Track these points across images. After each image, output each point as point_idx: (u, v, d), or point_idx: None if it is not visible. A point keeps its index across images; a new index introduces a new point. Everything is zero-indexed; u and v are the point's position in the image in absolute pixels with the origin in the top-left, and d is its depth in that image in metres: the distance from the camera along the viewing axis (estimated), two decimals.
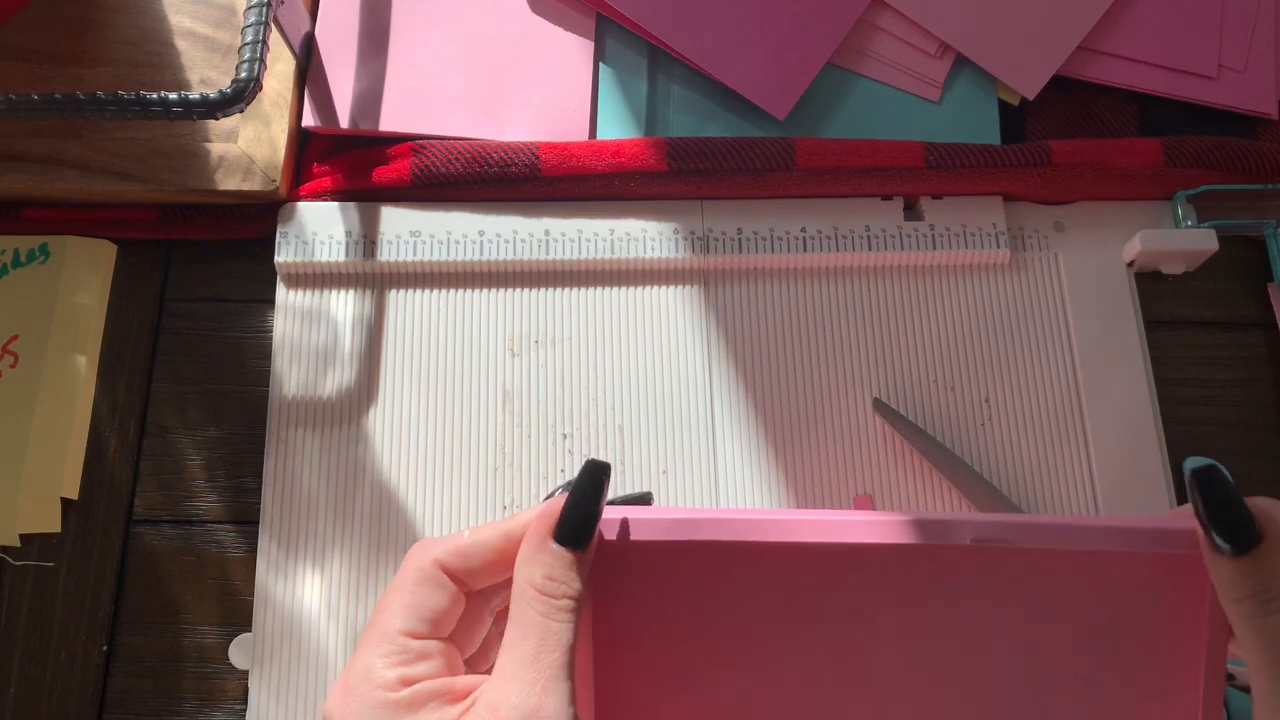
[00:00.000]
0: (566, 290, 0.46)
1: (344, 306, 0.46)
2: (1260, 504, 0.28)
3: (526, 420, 0.44)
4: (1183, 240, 0.46)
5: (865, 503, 0.43)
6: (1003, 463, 0.44)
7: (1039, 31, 0.50)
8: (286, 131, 0.46)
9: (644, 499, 0.32)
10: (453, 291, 0.46)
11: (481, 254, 0.46)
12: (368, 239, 0.46)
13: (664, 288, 0.47)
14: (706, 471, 0.44)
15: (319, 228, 0.46)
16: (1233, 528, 0.27)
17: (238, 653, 0.41)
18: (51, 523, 0.43)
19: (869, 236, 0.47)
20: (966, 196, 0.47)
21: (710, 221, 0.47)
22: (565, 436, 0.44)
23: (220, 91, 0.39)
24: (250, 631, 0.41)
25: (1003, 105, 0.50)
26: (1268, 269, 0.48)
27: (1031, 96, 0.49)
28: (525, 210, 0.47)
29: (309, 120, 0.47)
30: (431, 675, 0.26)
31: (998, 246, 0.47)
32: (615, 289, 0.47)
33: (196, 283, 0.47)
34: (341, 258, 0.45)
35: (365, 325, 0.45)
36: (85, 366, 0.45)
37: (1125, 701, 0.30)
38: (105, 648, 0.41)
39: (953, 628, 0.30)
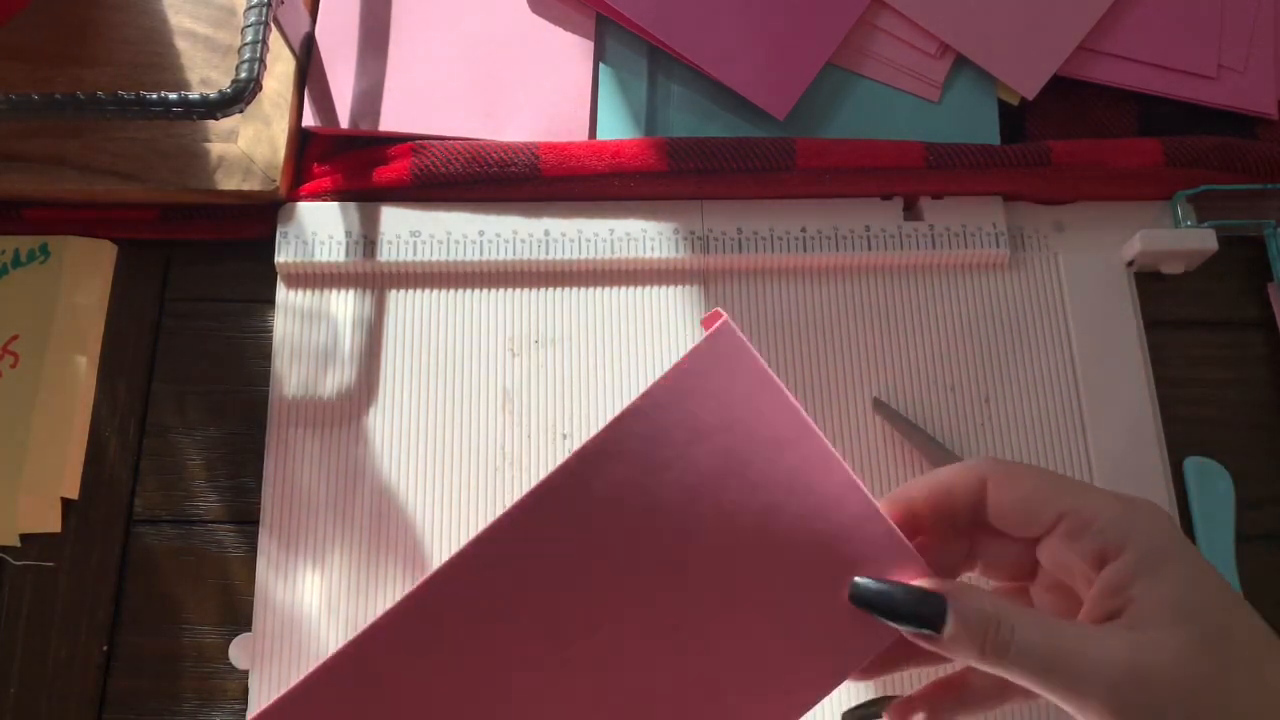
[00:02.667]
0: (566, 290, 0.46)
1: (344, 306, 0.46)
2: (970, 476, 0.31)
3: (526, 420, 0.44)
4: (1183, 240, 0.46)
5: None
6: None
7: (1039, 31, 0.50)
8: (286, 131, 0.46)
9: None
10: (453, 291, 0.46)
11: (481, 254, 0.46)
12: (368, 239, 0.46)
13: (664, 288, 0.47)
14: None
15: (319, 228, 0.46)
16: (919, 622, 0.29)
17: (238, 653, 0.41)
18: (51, 523, 0.43)
19: (869, 236, 0.47)
20: (966, 196, 0.47)
21: (710, 221, 0.47)
22: (565, 437, 0.44)
23: (220, 91, 0.39)
24: (250, 631, 0.41)
25: (1003, 105, 0.50)
26: (1268, 269, 0.48)
27: (1031, 96, 0.49)
28: (525, 210, 0.47)
29: (309, 120, 0.47)
30: None
31: (997, 246, 0.47)
32: (615, 289, 0.47)
33: (196, 283, 0.47)
34: (341, 258, 0.45)
35: (365, 325, 0.45)
36: (85, 366, 0.45)
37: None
38: (105, 648, 0.41)
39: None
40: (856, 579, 0.30)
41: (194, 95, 0.39)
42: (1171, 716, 0.26)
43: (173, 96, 0.39)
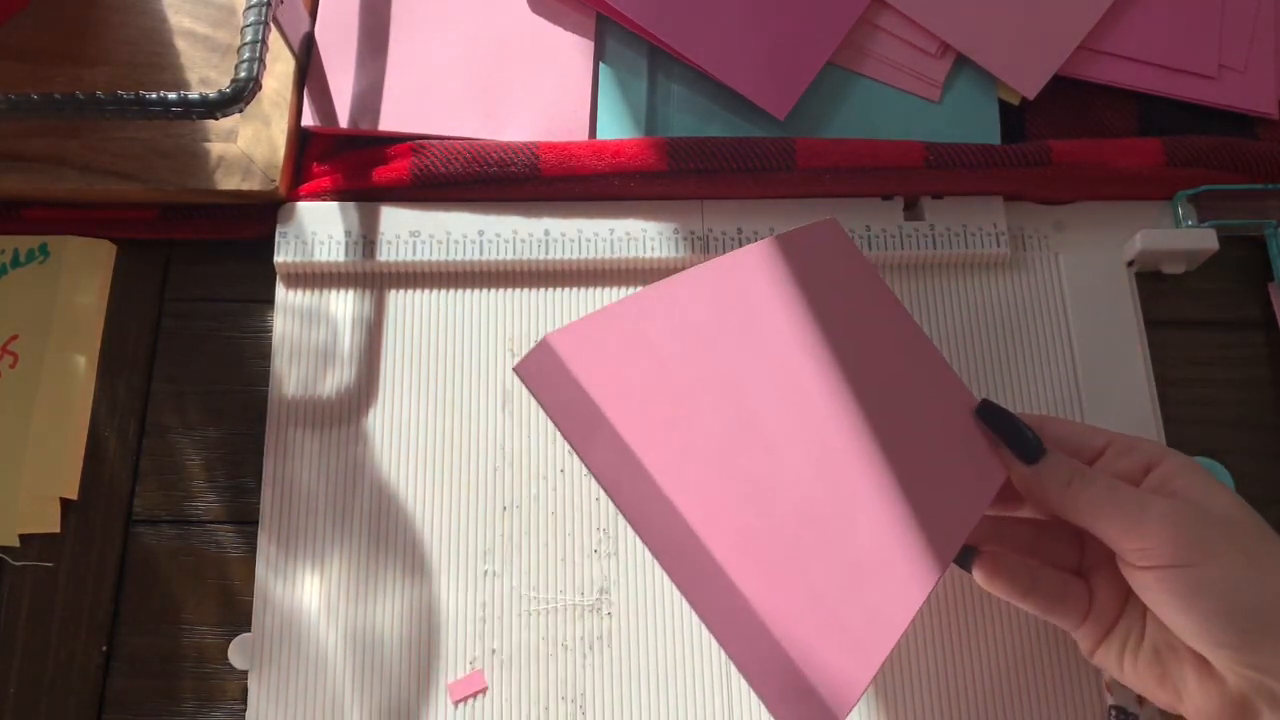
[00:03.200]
0: (566, 290, 0.46)
1: (344, 306, 0.46)
2: (1032, 420, 0.38)
3: (526, 420, 0.44)
4: (1183, 240, 0.46)
5: None
6: None
7: (1039, 31, 0.50)
8: (286, 131, 0.46)
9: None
10: (453, 291, 0.46)
11: (481, 254, 0.46)
12: (367, 239, 0.46)
13: None
14: None
15: (319, 228, 0.46)
16: (1023, 447, 0.36)
17: (237, 653, 0.41)
18: (51, 523, 0.43)
19: (869, 236, 0.47)
20: (966, 196, 0.47)
21: (710, 221, 0.47)
22: None
23: (220, 91, 0.39)
24: (250, 631, 0.41)
25: (1003, 105, 0.50)
26: (1268, 269, 0.48)
27: (1031, 96, 0.49)
28: (525, 210, 0.47)
29: (308, 120, 0.47)
30: None
31: (998, 246, 0.47)
32: (615, 289, 0.47)
33: (196, 283, 0.47)
34: (341, 258, 0.45)
35: (365, 325, 0.45)
36: (85, 366, 0.45)
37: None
38: (105, 648, 0.41)
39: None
40: (985, 401, 0.37)
41: (193, 95, 0.39)
42: (1220, 537, 0.32)
43: (172, 96, 0.39)
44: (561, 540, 0.43)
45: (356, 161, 0.47)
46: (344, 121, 0.47)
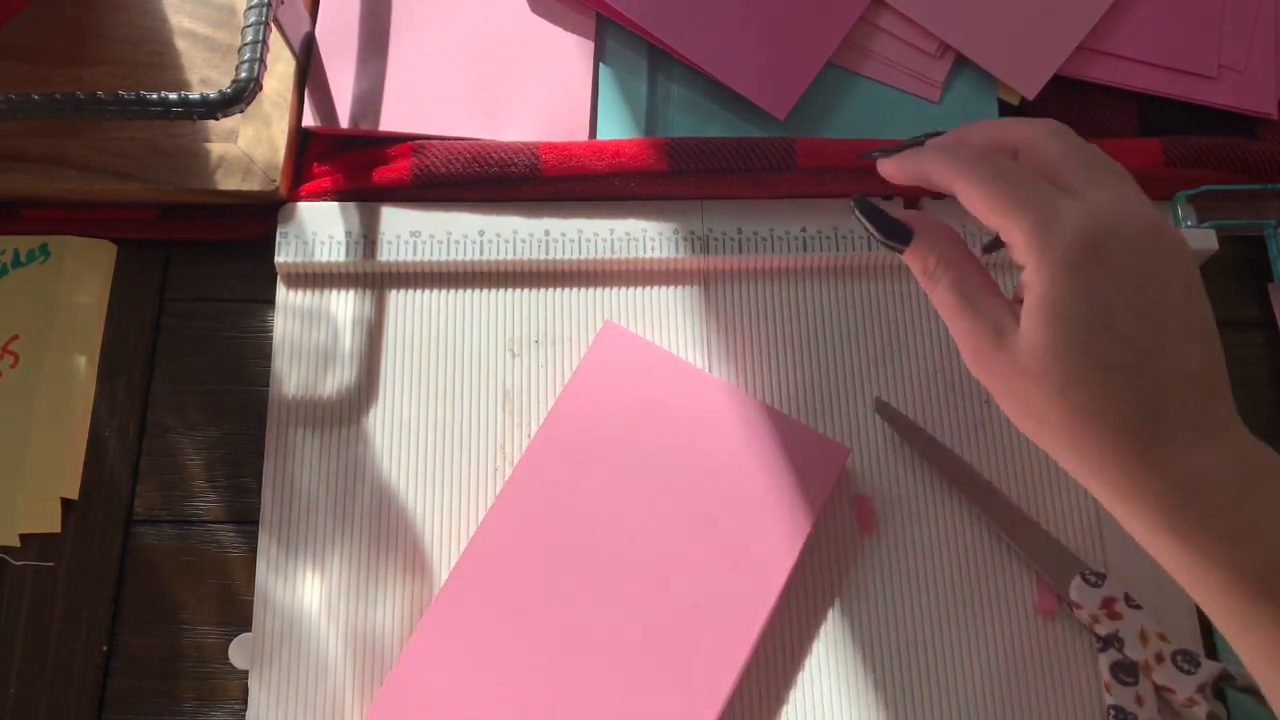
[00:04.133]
0: (566, 290, 0.46)
1: (344, 306, 0.46)
2: (906, 214, 0.37)
3: (526, 420, 0.44)
4: None
5: (864, 504, 0.43)
6: (1003, 463, 0.44)
7: (1039, 31, 0.50)
8: (286, 131, 0.46)
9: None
10: (453, 291, 0.46)
11: (481, 254, 0.46)
12: (368, 239, 0.46)
13: (664, 288, 0.47)
14: None
15: (319, 228, 0.46)
16: (892, 233, 0.36)
17: (238, 653, 0.41)
18: (51, 523, 0.43)
19: (869, 236, 0.46)
20: None
21: (710, 221, 0.47)
22: None
23: (220, 91, 0.39)
24: (250, 631, 0.41)
25: (1003, 105, 0.50)
26: (1268, 269, 0.48)
27: (1031, 96, 0.49)
28: (525, 210, 0.47)
29: (309, 120, 0.47)
30: None
31: (998, 246, 0.47)
32: (615, 289, 0.47)
33: (196, 283, 0.47)
34: (341, 258, 0.45)
35: (365, 325, 0.45)
36: (85, 366, 0.45)
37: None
38: (105, 648, 0.41)
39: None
40: (859, 197, 0.38)
41: (194, 95, 0.39)
42: (1072, 346, 0.31)
43: (173, 96, 0.39)
44: None
45: (357, 161, 0.47)
46: (344, 122, 0.47)
